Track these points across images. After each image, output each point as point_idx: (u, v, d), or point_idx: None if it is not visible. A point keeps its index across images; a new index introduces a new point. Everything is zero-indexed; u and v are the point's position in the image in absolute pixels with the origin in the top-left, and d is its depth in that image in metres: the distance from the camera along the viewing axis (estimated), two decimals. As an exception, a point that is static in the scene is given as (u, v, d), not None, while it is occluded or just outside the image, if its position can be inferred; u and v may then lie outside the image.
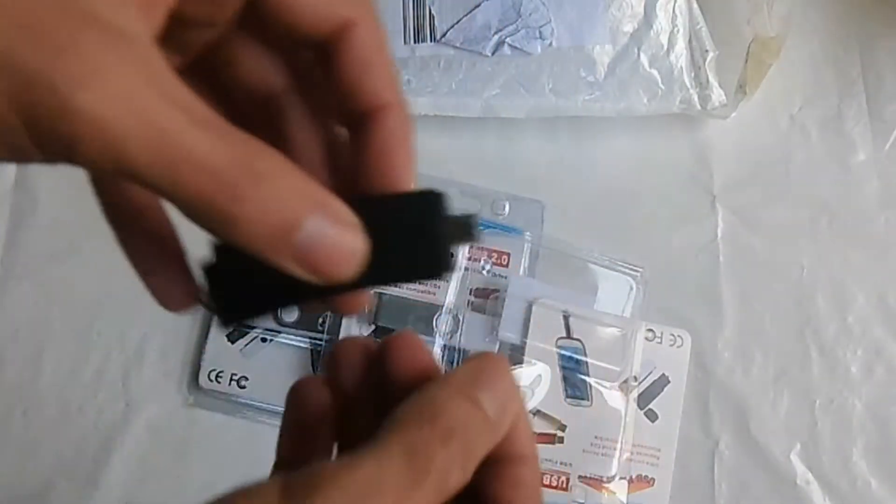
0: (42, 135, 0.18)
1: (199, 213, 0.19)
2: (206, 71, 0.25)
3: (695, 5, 0.55)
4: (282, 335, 0.51)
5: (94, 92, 0.17)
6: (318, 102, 0.25)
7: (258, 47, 0.25)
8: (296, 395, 0.27)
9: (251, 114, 0.25)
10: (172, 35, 0.22)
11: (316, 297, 0.23)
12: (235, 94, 0.26)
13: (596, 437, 0.50)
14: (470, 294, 0.51)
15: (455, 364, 0.50)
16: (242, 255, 0.21)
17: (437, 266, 0.23)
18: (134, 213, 0.25)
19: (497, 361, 0.24)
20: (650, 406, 0.51)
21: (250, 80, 0.25)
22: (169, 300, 0.25)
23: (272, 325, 0.51)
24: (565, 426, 0.50)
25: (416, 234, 0.23)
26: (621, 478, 0.50)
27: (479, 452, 0.23)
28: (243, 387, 0.50)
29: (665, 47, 0.54)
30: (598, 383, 0.50)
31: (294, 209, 0.20)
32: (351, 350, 0.27)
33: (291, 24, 0.23)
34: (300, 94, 0.26)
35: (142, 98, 0.18)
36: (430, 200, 0.23)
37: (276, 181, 0.20)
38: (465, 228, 0.23)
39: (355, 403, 0.27)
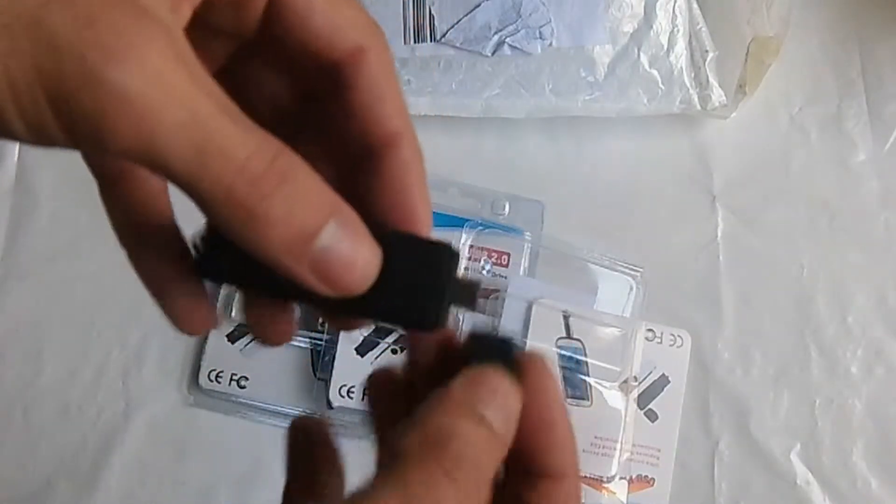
0: (67, 109, 0.17)
1: (220, 208, 0.18)
2: (223, 86, 0.25)
3: (695, 5, 0.55)
4: (282, 335, 0.51)
5: (126, 66, 0.16)
6: (330, 130, 0.25)
7: (273, 67, 0.24)
8: (296, 434, 0.27)
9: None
10: (196, 42, 0.21)
11: (305, 300, 0.23)
12: (248, 113, 0.25)
13: (596, 437, 0.50)
14: (470, 294, 0.51)
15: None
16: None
17: (429, 322, 0.22)
18: (146, 225, 0.24)
19: (494, 372, 0.23)
20: (650, 406, 0.51)
21: (264, 99, 0.25)
22: (183, 322, 0.24)
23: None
24: (565, 426, 0.50)
25: (421, 284, 0.22)
26: (621, 478, 0.50)
27: (489, 473, 0.21)
28: (243, 387, 0.50)
29: (665, 47, 0.54)
30: (598, 383, 0.50)
31: (315, 213, 0.19)
32: (382, 380, 0.26)
33: (304, 45, 0.22)
34: (313, 119, 0.25)
35: (174, 78, 0.17)
36: (444, 256, 0.22)
37: (299, 182, 0.19)
38: (467, 295, 0.23)
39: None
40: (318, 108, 0.25)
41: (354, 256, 0.20)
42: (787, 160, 0.56)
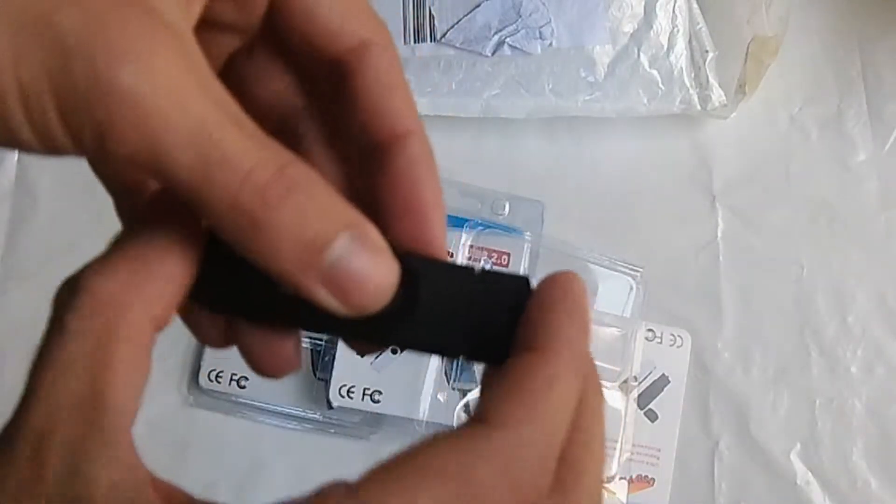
0: (74, 113, 0.16)
1: (225, 218, 0.18)
2: (227, 84, 0.24)
3: (695, 5, 0.55)
4: (282, 335, 0.51)
5: (136, 70, 0.16)
6: (338, 129, 0.24)
7: (277, 64, 0.24)
8: None
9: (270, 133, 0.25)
10: (201, 38, 0.21)
11: (325, 329, 0.21)
12: (254, 111, 0.25)
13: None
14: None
15: (455, 364, 0.50)
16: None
17: (501, 357, 0.20)
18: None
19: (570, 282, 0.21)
20: (650, 406, 0.51)
21: (268, 97, 0.24)
22: (205, 339, 0.23)
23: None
24: (565, 426, 0.50)
25: (487, 317, 0.21)
26: (621, 478, 0.50)
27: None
28: (243, 387, 0.50)
29: (665, 47, 0.54)
30: (598, 383, 0.50)
31: (326, 224, 0.18)
32: None
33: (309, 38, 0.22)
34: (319, 118, 0.24)
35: (183, 84, 0.17)
36: (520, 287, 0.21)
37: (309, 191, 0.18)
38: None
39: None
40: (324, 106, 0.24)
41: (369, 271, 0.19)
42: (787, 160, 0.56)
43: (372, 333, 0.21)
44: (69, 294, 0.19)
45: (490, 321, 0.21)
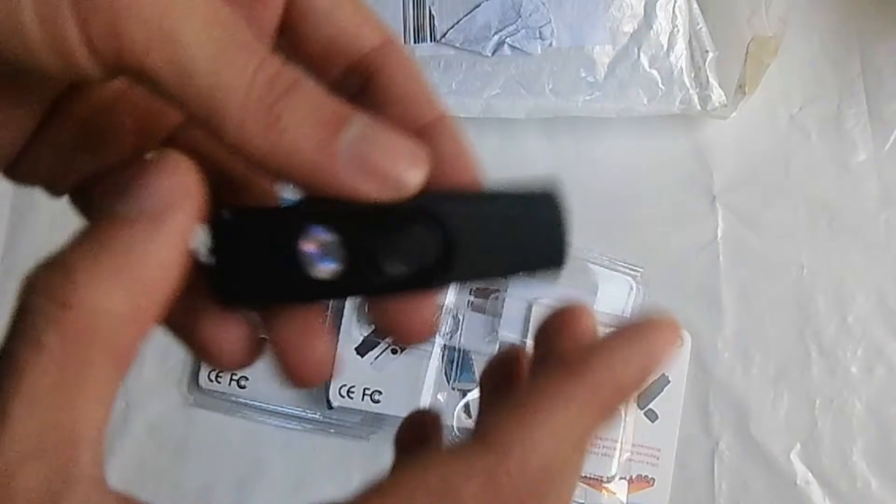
0: (93, 16, 0.17)
1: (240, 113, 0.18)
2: None
3: (695, 5, 0.55)
4: (282, 335, 0.51)
5: None
6: None
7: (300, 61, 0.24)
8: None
9: None
10: None
11: (371, 290, 0.20)
12: None
13: (596, 437, 0.50)
14: (470, 294, 0.51)
15: (455, 364, 0.50)
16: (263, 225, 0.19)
17: (559, 259, 0.22)
18: None
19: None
20: (650, 406, 0.51)
21: None
22: (218, 354, 0.22)
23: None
24: (565, 426, 0.50)
25: (533, 226, 0.22)
26: (621, 478, 0.50)
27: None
28: (243, 387, 0.50)
29: (665, 47, 0.54)
30: (598, 383, 0.50)
31: (337, 107, 0.18)
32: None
33: (330, 42, 0.22)
34: None
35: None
36: (549, 199, 0.23)
37: (310, 84, 0.19)
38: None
39: None
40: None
41: (395, 140, 0.19)
42: (787, 160, 0.56)
43: (414, 284, 0.20)
44: (48, 302, 0.17)
45: (533, 236, 0.22)
